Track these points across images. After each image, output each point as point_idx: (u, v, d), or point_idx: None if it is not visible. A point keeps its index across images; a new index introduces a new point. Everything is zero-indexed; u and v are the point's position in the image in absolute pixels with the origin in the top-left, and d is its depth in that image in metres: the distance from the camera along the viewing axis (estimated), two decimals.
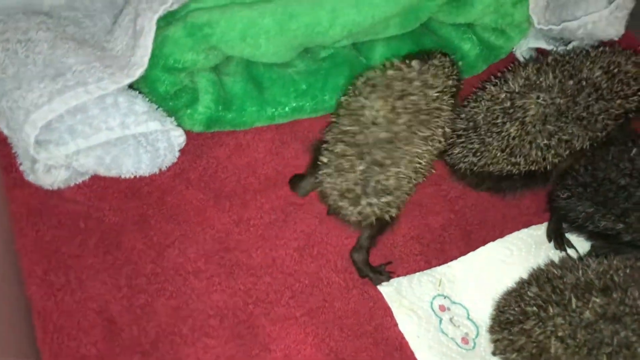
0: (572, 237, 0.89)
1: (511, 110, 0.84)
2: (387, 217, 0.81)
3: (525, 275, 0.82)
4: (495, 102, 0.85)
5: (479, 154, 0.86)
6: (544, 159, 0.84)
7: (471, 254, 0.88)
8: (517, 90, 0.84)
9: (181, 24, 0.80)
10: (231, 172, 0.91)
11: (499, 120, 0.84)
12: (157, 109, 0.81)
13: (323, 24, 0.85)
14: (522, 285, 0.78)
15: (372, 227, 0.82)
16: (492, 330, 0.79)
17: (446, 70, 0.86)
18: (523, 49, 1.02)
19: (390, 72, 0.82)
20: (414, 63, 0.83)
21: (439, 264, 0.88)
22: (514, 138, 0.83)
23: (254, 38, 0.83)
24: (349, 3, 0.85)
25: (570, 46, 1.00)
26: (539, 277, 0.77)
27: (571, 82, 0.83)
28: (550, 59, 0.88)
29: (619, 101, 0.85)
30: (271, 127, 0.94)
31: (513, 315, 0.75)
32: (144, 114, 0.78)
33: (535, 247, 0.89)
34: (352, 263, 0.84)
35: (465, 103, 0.90)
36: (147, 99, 0.82)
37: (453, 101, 0.86)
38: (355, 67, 0.96)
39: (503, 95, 0.85)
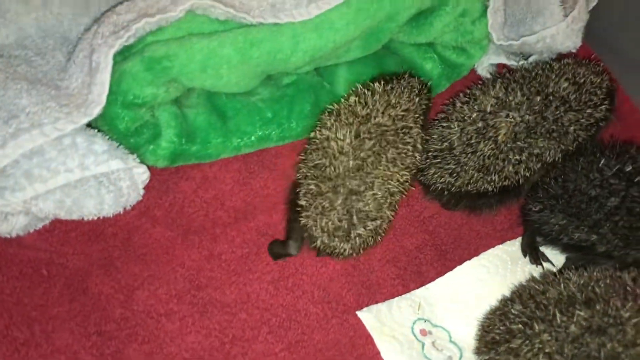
0: (547, 251, 0.89)
1: (484, 131, 0.84)
2: (372, 243, 0.81)
3: (505, 293, 0.81)
4: (469, 123, 0.85)
5: (455, 174, 0.85)
6: (516, 173, 0.84)
7: (448, 274, 0.87)
8: (488, 110, 0.84)
9: (139, 58, 0.77)
10: (198, 206, 0.88)
11: (473, 141, 0.84)
12: (118, 146, 0.78)
13: (285, 50, 0.84)
14: (506, 303, 0.77)
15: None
16: (478, 351, 0.77)
17: (413, 89, 0.86)
18: (484, 65, 1.02)
19: (352, 99, 0.82)
20: (375, 85, 0.83)
21: (417, 287, 0.86)
22: (488, 157, 0.83)
23: (215, 68, 0.81)
24: (310, 28, 0.84)
25: (530, 60, 1.01)
26: (522, 294, 0.76)
27: (538, 98, 0.84)
28: (517, 75, 0.88)
29: (588, 111, 0.85)
30: (238, 157, 0.92)
31: (499, 335, 0.74)
32: (104, 153, 0.75)
33: (511, 263, 0.89)
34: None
35: (436, 122, 0.89)
36: (107, 137, 0.78)
37: (422, 119, 0.86)
38: (319, 92, 0.94)
39: (475, 115, 0.85)
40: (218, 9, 0.80)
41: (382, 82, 0.84)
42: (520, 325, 0.72)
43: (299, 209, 0.79)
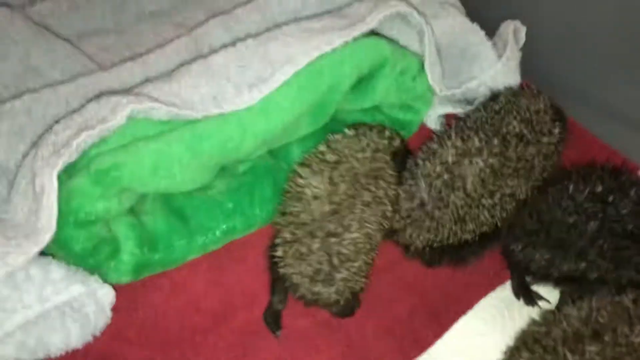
0: (540, 288, 0.86)
1: (451, 182, 0.82)
2: (358, 288, 0.80)
3: (508, 342, 0.78)
4: (435, 177, 0.83)
5: (432, 230, 0.83)
6: (492, 217, 0.82)
7: (446, 334, 0.83)
8: (450, 161, 0.83)
9: (85, 172, 0.73)
10: (172, 316, 0.82)
11: (442, 194, 0.82)
12: (76, 270, 0.73)
13: (234, 138, 0.82)
14: (512, 354, 0.73)
15: (348, 299, 0.80)
16: None
17: (381, 132, 0.87)
18: (432, 118, 1.03)
19: (322, 148, 0.85)
20: (345, 130, 0.86)
21: (418, 355, 0.82)
22: (462, 207, 0.81)
23: (167, 169, 0.78)
24: (255, 113, 0.83)
25: (475, 103, 1.02)
26: (526, 340, 0.72)
27: (496, 141, 0.84)
28: (469, 122, 0.88)
29: (545, 139, 0.86)
30: (205, 256, 0.87)
31: None
32: (63, 280, 0.70)
33: (507, 309, 0.85)
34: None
35: (402, 181, 0.87)
36: (63, 262, 0.73)
37: (395, 161, 0.86)
38: (277, 174, 0.92)
39: (439, 169, 0.83)
40: (160, 109, 0.78)
41: (350, 129, 0.86)
42: None
43: (276, 260, 0.78)
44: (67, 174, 0.75)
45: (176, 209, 0.85)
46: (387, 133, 0.89)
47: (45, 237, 0.69)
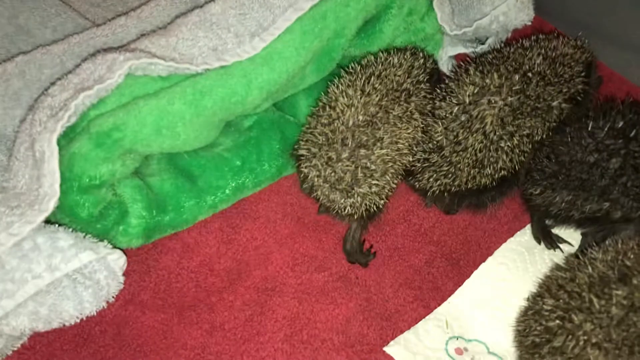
0: (561, 231, 0.84)
1: (469, 124, 0.79)
2: (374, 208, 0.78)
3: (531, 287, 0.76)
4: (451, 120, 0.80)
5: (450, 175, 0.80)
6: (511, 161, 0.79)
7: (467, 282, 0.81)
8: (468, 101, 0.80)
9: (86, 136, 0.70)
10: (186, 278, 0.80)
11: (460, 137, 0.79)
12: (84, 236, 0.70)
13: (239, 92, 0.78)
14: (536, 301, 0.71)
15: (362, 218, 0.79)
16: (521, 358, 0.71)
17: (415, 53, 0.85)
18: (443, 60, 0.98)
19: (354, 66, 0.83)
20: (379, 53, 0.84)
21: (438, 304, 0.80)
22: (480, 151, 0.78)
23: (170, 128, 0.75)
24: (259, 63, 0.79)
25: (487, 42, 0.97)
26: (550, 287, 0.70)
27: (517, 77, 0.80)
28: (490, 57, 0.84)
29: (566, 84, 0.82)
30: (215, 215, 0.85)
31: (538, 336, 0.68)
32: (72, 248, 0.67)
33: (528, 254, 0.83)
34: (344, 252, 0.83)
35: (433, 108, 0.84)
36: (71, 229, 0.71)
37: (430, 82, 0.84)
38: (284, 127, 0.89)
39: (456, 110, 0.80)
40: (158, 65, 0.74)
41: (383, 51, 0.85)
42: (557, 321, 0.66)
43: (302, 157, 0.78)
44: (67, 137, 0.72)
45: (183, 168, 0.83)
46: (421, 54, 0.86)
47: (50, 204, 0.66)
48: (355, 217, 0.78)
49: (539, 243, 0.84)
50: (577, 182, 0.78)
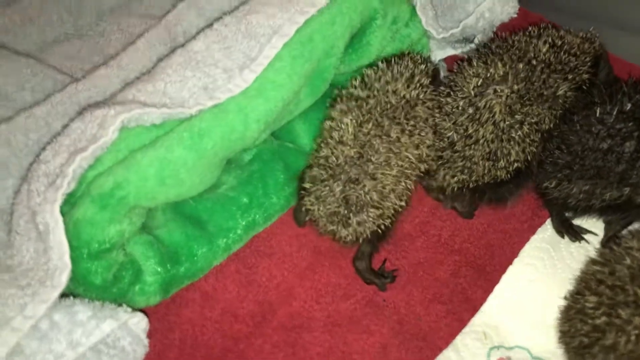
0: (583, 221, 0.82)
1: (477, 115, 0.77)
2: (380, 229, 0.77)
3: (562, 284, 0.74)
4: (459, 114, 0.79)
5: (466, 170, 0.79)
6: (523, 152, 0.78)
7: (497, 288, 0.79)
8: (473, 93, 0.78)
9: (88, 199, 0.67)
10: (211, 329, 0.77)
11: (470, 130, 0.78)
12: (102, 304, 0.67)
13: (237, 128, 0.75)
14: (576, 299, 0.69)
15: (370, 239, 0.78)
16: None
17: (414, 58, 0.83)
18: (434, 63, 0.96)
19: (354, 82, 0.81)
20: (378, 63, 0.82)
21: (472, 315, 0.78)
22: (492, 141, 0.77)
23: (173, 177, 0.71)
24: (253, 95, 0.76)
25: (476, 41, 0.96)
26: (589, 283, 0.68)
27: (521, 65, 0.78)
28: (494, 46, 0.83)
29: (571, 72, 0.80)
30: (230, 258, 0.82)
31: (585, 336, 0.66)
32: (91, 319, 0.64)
33: (553, 250, 0.81)
34: (355, 271, 0.81)
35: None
36: (87, 299, 0.67)
37: (433, 83, 0.82)
38: (286, 155, 0.86)
39: (462, 104, 0.78)
40: (152, 114, 0.71)
41: (382, 61, 0.82)
42: (604, 318, 0.64)
43: (302, 191, 0.79)
44: (68, 204, 0.68)
45: (190, 215, 0.80)
46: (419, 58, 0.84)
47: (62, 278, 0.63)
48: (361, 240, 0.77)
49: (562, 237, 0.83)
50: (593, 171, 0.76)
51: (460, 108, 0.79)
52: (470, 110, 0.78)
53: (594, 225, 0.83)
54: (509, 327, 0.76)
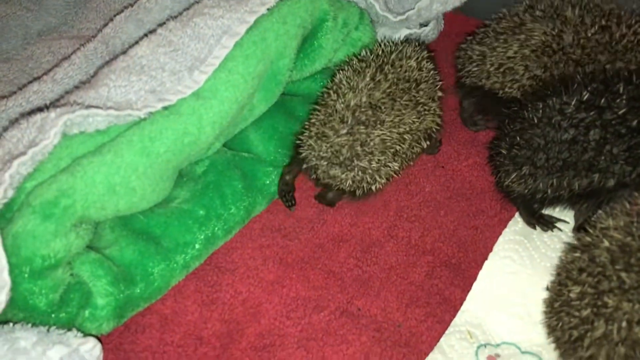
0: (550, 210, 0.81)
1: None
2: (374, 188, 0.78)
3: (542, 274, 0.71)
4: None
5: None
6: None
7: (475, 285, 0.76)
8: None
9: (28, 210, 0.59)
10: (174, 354, 0.69)
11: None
12: (49, 329, 0.58)
13: (191, 131, 0.70)
14: (559, 291, 0.65)
15: (357, 196, 0.79)
16: (564, 355, 0.65)
17: (416, 47, 0.85)
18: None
19: (364, 53, 0.83)
20: (382, 46, 0.83)
21: (453, 315, 0.74)
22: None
23: (124, 184, 0.65)
24: (206, 97, 0.72)
25: (430, 25, 0.98)
26: (570, 272, 0.64)
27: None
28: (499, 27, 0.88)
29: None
30: (189, 276, 0.75)
31: (575, 329, 0.62)
32: (36, 346, 0.55)
33: (527, 241, 0.79)
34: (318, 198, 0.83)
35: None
36: (30, 325, 0.58)
37: (432, 67, 0.84)
38: (242, 165, 0.81)
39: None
40: (97, 116, 0.64)
41: (388, 42, 0.84)
42: (590, 309, 0.61)
43: (300, 141, 0.78)
44: (4, 219, 0.60)
45: (141, 231, 0.72)
46: (418, 47, 0.85)
47: (1, 296, 0.54)
48: (356, 194, 0.78)
49: (534, 228, 0.80)
50: (559, 163, 0.74)
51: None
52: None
53: (564, 212, 0.81)
54: (493, 323, 0.72)
